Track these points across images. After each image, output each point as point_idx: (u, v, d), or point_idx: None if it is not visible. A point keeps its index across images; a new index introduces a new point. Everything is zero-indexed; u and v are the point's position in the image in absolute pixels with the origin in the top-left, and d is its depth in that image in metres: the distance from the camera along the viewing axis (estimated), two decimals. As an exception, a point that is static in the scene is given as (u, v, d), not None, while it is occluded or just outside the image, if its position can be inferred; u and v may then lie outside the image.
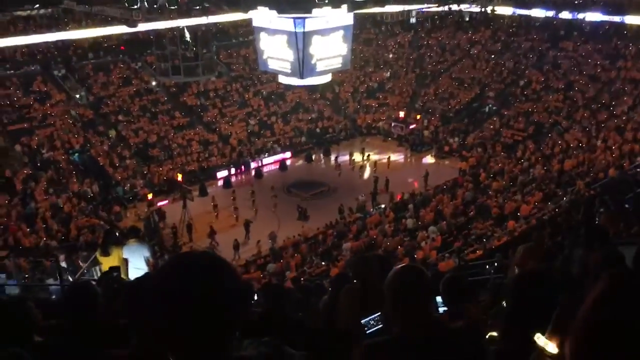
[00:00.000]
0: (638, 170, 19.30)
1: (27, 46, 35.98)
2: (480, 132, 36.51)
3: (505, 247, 16.89)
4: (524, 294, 2.59)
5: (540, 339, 2.18)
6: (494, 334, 2.86)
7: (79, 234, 23.10)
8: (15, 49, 35.77)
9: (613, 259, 4.22)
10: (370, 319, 3.18)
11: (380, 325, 3.14)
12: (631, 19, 36.57)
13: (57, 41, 36.19)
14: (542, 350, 2.15)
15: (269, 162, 35.59)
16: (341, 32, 15.71)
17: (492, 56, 42.91)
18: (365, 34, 48.63)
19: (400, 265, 2.55)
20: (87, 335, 3.02)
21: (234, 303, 1.42)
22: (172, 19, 23.43)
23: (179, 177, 30.78)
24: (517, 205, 22.48)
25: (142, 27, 26.88)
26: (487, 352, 2.52)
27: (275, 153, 36.21)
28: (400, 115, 39.57)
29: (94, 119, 35.18)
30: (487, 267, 13.95)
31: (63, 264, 13.70)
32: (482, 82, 41.00)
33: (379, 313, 3.17)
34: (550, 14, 39.85)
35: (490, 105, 38.99)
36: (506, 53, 42.68)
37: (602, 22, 38.58)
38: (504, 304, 3.02)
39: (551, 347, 2.12)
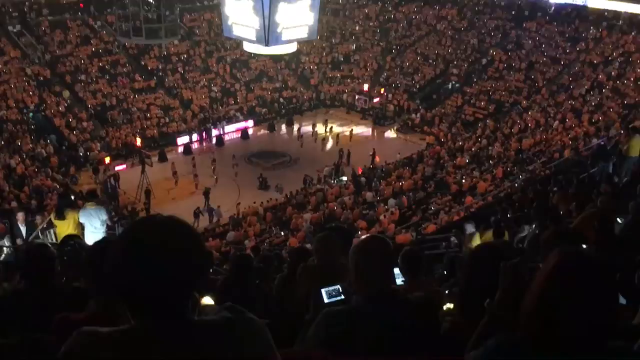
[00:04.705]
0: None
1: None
2: (441, 108, 36.89)
3: (461, 222, 17.18)
4: (480, 267, 2.64)
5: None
6: (450, 305, 2.93)
7: (32, 196, 22.46)
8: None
9: (565, 236, 4.37)
10: (330, 289, 3.21)
11: (341, 297, 3.16)
12: (593, 3, 37.19)
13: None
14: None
15: (231, 130, 35.16)
16: (308, 1, 15.45)
17: (458, 34, 43.03)
18: (333, 4, 48.07)
19: (365, 235, 2.59)
20: (43, 298, 2.97)
21: (195, 265, 1.46)
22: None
23: (138, 142, 30.20)
24: (474, 182, 22.89)
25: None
26: (442, 323, 2.59)
27: (237, 121, 35.80)
28: (364, 88, 39.55)
29: (50, 78, 33.99)
30: (444, 243, 14.20)
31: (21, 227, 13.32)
32: (446, 58, 41.20)
33: (339, 285, 3.19)
34: (516, -7, 40.22)
35: (453, 82, 39.30)
36: (471, 31, 42.89)
37: (566, 5, 39.15)
38: (460, 276, 3.09)
39: None
